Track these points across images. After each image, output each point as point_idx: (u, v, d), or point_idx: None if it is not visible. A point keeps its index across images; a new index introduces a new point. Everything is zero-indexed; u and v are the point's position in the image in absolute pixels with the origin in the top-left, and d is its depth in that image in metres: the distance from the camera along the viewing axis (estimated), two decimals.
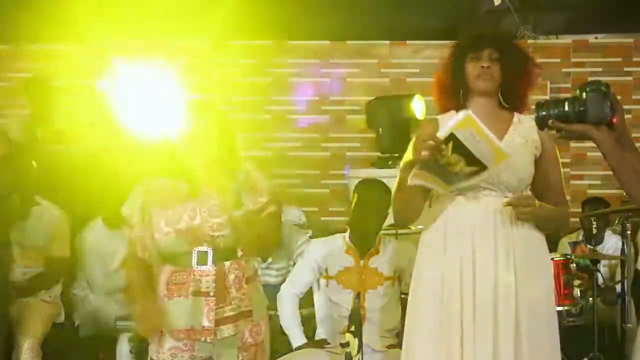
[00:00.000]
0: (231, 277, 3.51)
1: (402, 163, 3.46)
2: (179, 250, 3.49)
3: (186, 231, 3.47)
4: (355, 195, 4.73)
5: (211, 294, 3.47)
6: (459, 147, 3.20)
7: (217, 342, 3.50)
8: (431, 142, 3.19)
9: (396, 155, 6.71)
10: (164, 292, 3.53)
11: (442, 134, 3.20)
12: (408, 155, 3.43)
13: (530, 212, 3.37)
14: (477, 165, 3.26)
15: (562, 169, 3.62)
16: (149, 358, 3.60)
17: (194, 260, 3.49)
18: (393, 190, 3.56)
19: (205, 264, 3.48)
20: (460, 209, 3.44)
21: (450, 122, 3.21)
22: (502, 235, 3.39)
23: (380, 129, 7.25)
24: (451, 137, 3.19)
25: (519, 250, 3.40)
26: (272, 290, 5.02)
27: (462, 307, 3.38)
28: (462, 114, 3.19)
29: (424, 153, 3.21)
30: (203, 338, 3.48)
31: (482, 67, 3.45)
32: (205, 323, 3.46)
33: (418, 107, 6.91)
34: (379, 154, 7.18)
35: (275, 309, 4.84)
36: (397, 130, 7.15)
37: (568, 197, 3.71)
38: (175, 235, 3.47)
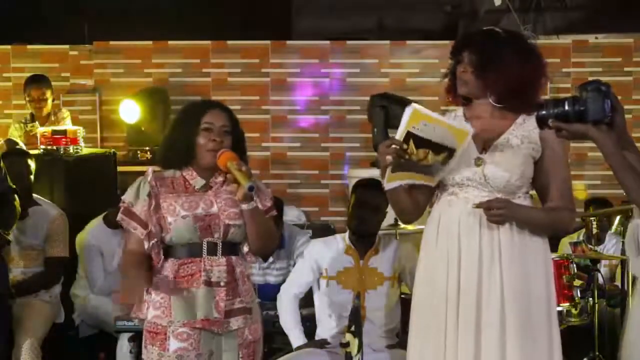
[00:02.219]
0: (238, 270, 3.53)
1: (379, 173, 3.44)
2: (189, 240, 3.49)
3: (203, 217, 3.48)
4: (353, 195, 4.73)
5: (222, 284, 3.48)
6: (421, 141, 3.25)
7: (219, 339, 3.50)
8: (393, 146, 3.26)
9: None
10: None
11: (399, 135, 3.25)
12: (380, 167, 3.40)
13: (500, 214, 3.33)
14: (444, 151, 3.29)
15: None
16: None
17: (205, 250, 3.49)
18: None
19: (215, 255, 3.49)
20: (450, 208, 3.44)
21: (402, 122, 3.25)
22: (486, 235, 3.38)
23: (375, 129, 7.31)
24: (409, 134, 3.25)
25: (506, 249, 3.37)
26: (272, 290, 5.02)
27: (446, 304, 3.38)
28: (408, 110, 3.23)
29: (388, 157, 3.27)
30: (215, 329, 3.47)
31: (460, 71, 3.42)
32: (215, 314, 3.46)
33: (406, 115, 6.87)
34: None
35: (276, 309, 4.83)
36: (391, 131, 7.19)
37: None
38: (192, 220, 3.46)
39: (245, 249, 3.57)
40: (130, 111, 7.61)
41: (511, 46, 3.40)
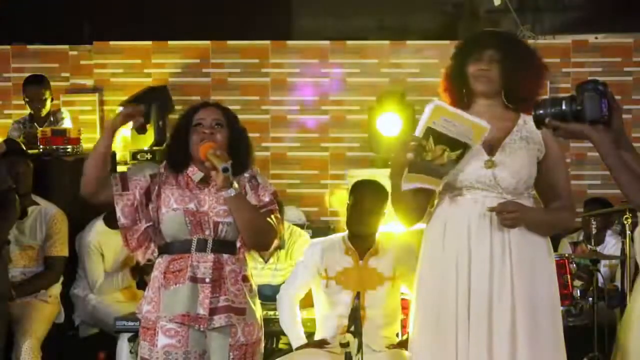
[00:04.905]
0: (228, 269, 3.54)
1: (390, 172, 3.44)
2: (180, 235, 3.54)
3: (193, 213, 3.53)
4: (351, 196, 4.72)
5: (207, 280, 3.49)
6: (439, 138, 3.25)
7: (210, 338, 3.52)
8: (412, 142, 3.24)
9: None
10: (160, 282, 3.55)
11: (418, 131, 3.24)
12: (394, 164, 3.40)
13: (514, 218, 3.34)
14: (460, 147, 3.29)
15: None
16: (138, 358, 3.59)
17: (194, 247, 3.52)
18: (390, 196, 3.58)
19: (205, 251, 3.51)
20: (458, 209, 3.43)
21: (422, 118, 3.25)
22: (497, 236, 3.38)
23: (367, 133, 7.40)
24: (429, 131, 3.24)
25: (516, 251, 3.38)
26: (272, 291, 5.03)
27: (457, 306, 3.37)
28: (429, 106, 3.22)
29: (409, 155, 3.25)
30: (197, 326, 3.49)
31: (481, 69, 3.43)
32: (200, 311, 3.48)
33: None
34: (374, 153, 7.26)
35: (276, 309, 4.84)
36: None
37: None
38: (182, 214, 3.52)
39: (238, 244, 3.58)
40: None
41: (528, 49, 3.52)
